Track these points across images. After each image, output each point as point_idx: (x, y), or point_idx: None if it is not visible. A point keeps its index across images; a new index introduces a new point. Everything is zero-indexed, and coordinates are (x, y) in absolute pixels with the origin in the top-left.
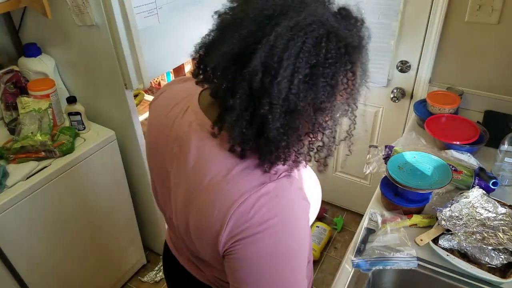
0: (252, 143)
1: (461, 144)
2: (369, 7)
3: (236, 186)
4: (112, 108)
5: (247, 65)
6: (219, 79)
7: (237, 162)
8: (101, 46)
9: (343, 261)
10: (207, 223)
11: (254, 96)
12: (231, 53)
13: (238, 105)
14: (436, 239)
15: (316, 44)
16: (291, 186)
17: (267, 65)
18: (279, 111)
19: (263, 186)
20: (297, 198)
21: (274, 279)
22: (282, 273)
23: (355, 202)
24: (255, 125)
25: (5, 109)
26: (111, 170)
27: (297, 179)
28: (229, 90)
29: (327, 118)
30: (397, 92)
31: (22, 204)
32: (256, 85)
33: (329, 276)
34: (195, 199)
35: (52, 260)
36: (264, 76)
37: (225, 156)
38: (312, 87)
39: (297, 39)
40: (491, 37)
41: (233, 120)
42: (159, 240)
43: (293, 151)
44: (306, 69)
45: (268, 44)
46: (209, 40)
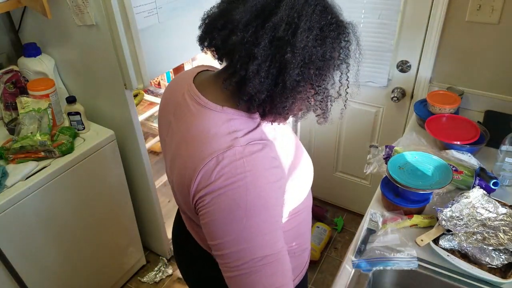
0: (263, 95)
1: (462, 144)
2: (369, 7)
3: (209, 146)
4: (112, 108)
5: (269, 19)
6: (240, 33)
7: (217, 124)
8: (101, 46)
9: (344, 261)
10: (183, 177)
11: (276, 45)
12: (254, 8)
13: (261, 55)
14: (437, 240)
15: (324, 10)
16: (260, 152)
17: (290, 18)
18: (299, 59)
19: (230, 148)
20: (266, 163)
21: (239, 235)
22: (246, 230)
23: (355, 202)
24: (273, 74)
25: (5, 109)
26: (111, 170)
27: (271, 148)
28: (249, 42)
29: (328, 74)
30: (397, 92)
31: (21, 204)
32: (280, 34)
33: (330, 277)
34: (180, 152)
35: (52, 260)
36: (286, 27)
37: (210, 116)
38: (321, 45)
39: (314, 2)
40: (491, 37)
41: (254, 70)
42: (159, 240)
43: (299, 102)
44: (317, 28)
45: (290, 1)
46: (218, 9)
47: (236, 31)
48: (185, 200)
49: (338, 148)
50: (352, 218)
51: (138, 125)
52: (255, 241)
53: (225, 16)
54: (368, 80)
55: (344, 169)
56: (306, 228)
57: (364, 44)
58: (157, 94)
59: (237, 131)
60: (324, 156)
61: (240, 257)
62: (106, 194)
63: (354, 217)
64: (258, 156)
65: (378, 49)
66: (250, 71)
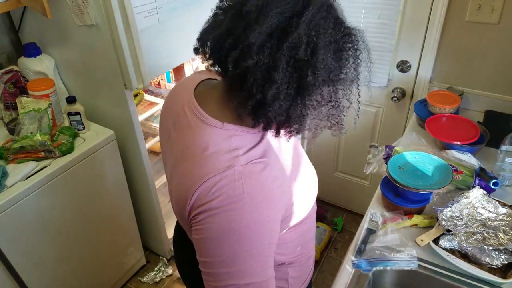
0: (283, 118)
1: (462, 144)
2: (369, 7)
3: (207, 165)
4: (112, 108)
5: (286, 39)
6: (255, 55)
7: (217, 141)
8: (101, 46)
9: (344, 261)
10: (180, 192)
11: (295, 67)
12: (267, 27)
13: (280, 78)
14: (437, 240)
15: (336, 22)
16: (261, 173)
17: (309, 37)
18: (320, 80)
19: (229, 168)
20: (266, 185)
21: (228, 257)
22: (237, 254)
23: (355, 202)
24: (291, 95)
25: (5, 109)
26: (110, 170)
27: (273, 167)
28: (265, 65)
29: (345, 88)
30: (397, 92)
31: (21, 204)
32: (300, 55)
33: (330, 277)
34: (178, 168)
35: (52, 260)
36: (305, 47)
37: (209, 132)
38: (338, 60)
39: (326, 16)
40: (491, 37)
41: (274, 94)
42: (159, 240)
43: (317, 119)
44: (333, 43)
45: (307, 19)
46: (220, 27)
47: (250, 53)
48: (181, 213)
49: (338, 148)
50: (352, 218)
51: (138, 125)
52: (243, 267)
53: (232, 34)
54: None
55: (344, 169)
56: (311, 235)
57: None
58: (157, 94)
59: (238, 148)
60: (324, 156)
61: (225, 279)
62: (106, 194)
63: (354, 217)
64: (258, 177)
65: (378, 49)
66: (270, 96)
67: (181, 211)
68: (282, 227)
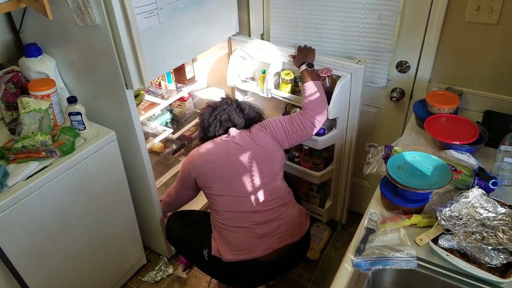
0: None
1: (461, 144)
2: (369, 8)
3: None
4: (113, 108)
5: None
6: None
7: None
8: (101, 46)
9: (343, 261)
10: None
11: None
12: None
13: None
14: (436, 239)
15: None
16: (196, 150)
17: None
18: None
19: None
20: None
21: None
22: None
23: (355, 202)
24: None
25: (6, 109)
26: (111, 170)
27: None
28: None
29: None
30: (396, 92)
31: (22, 204)
32: None
33: (329, 276)
34: None
35: (52, 260)
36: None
37: None
38: None
39: None
40: (490, 37)
41: None
42: (160, 239)
43: None
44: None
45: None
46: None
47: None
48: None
49: None
50: (351, 218)
51: (138, 125)
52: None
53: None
54: (367, 81)
55: None
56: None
57: (364, 45)
58: (157, 94)
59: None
60: None
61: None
62: (107, 194)
63: (354, 216)
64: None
65: (377, 50)
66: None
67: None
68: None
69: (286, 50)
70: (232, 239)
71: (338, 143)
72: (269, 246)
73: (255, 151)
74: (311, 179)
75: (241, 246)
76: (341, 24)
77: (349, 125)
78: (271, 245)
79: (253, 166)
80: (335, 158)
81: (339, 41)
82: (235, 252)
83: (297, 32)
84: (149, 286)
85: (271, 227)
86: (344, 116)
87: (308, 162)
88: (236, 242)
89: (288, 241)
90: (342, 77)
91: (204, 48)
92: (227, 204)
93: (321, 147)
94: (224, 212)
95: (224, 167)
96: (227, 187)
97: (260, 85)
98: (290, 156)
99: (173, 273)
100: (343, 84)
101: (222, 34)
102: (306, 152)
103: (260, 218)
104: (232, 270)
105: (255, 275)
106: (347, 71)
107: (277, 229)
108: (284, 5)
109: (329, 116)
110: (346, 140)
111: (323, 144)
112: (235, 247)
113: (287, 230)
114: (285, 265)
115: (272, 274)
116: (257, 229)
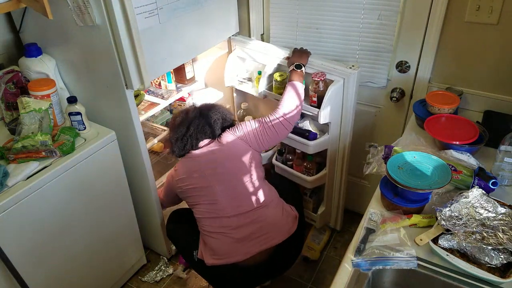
0: None
1: (461, 144)
2: (369, 8)
3: None
4: (113, 108)
5: None
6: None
7: None
8: (101, 46)
9: (343, 261)
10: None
11: None
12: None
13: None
14: (436, 239)
15: None
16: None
17: None
18: None
19: None
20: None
21: None
22: None
23: (355, 202)
24: None
25: (6, 109)
26: (111, 170)
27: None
28: None
29: None
30: (396, 92)
31: (22, 204)
32: None
33: (329, 276)
34: None
35: (53, 260)
36: None
37: None
38: None
39: None
40: (490, 37)
41: None
42: (160, 239)
43: None
44: None
45: None
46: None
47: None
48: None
49: None
50: (351, 218)
51: (138, 125)
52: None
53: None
54: (367, 81)
55: None
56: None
57: (364, 45)
58: (157, 94)
59: None
60: None
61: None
62: (107, 194)
63: (354, 216)
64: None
65: (377, 50)
66: None
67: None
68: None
69: (283, 52)
70: (212, 244)
71: (331, 148)
72: (248, 250)
73: (225, 155)
74: (303, 184)
75: (220, 251)
76: (341, 24)
77: (342, 130)
78: (250, 250)
79: (224, 170)
80: (328, 163)
81: (339, 41)
82: (215, 257)
83: (297, 32)
84: (149, 286)
85: (248, 230)
86: (337, 121)
87: (300, 166)
88: (215, 247)
89: (269, 243)
90: (334, 82)
91: (204, 48)
92: (204, 212)
93: (313, 152)
94: (203, 219)
95: (199, 180)
96: (203, 196)
97: (256, 86)
98: (284, 159)
99: (173, 273)
100: (335, 89)
101: (222, 34)
102: (299, 155)
103: (236, 222)
104: (214, 273)
105: (235, 279)
106: (340, 76)
107: (255, 232)
108: (284, 5)
109: (320, 120)
110: (340, 145)
111: (315, 149)
112: (214, 252)
113: (267, 233)
114: (272, 268)
115: (256, 278)
116: (234, 233)
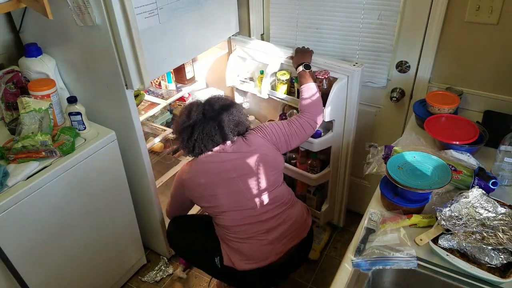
0: None
1: (461, 144)
2: (369, 8)
3: None
4: (113, 108)
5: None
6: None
7: None
8: (101, 46)
9: (343, 260)
10: None
11: None
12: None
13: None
14: (436, 239)
15: None
16: (186, 167)
17: None
18: None
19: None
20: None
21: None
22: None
23: (355, 202)
24: None
25: (6, 109)
26: (111, 170)
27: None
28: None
29: None
30: (396, 92)
31: (22, 204)
32: None
33: (329, 276)
34: None
35: (53, 260)
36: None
37: None
38: None
39: None
40: (490, 37)
41: None
42: (160, 239)
43: None
44: None
45: None
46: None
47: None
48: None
49: None
50: (351, 218)
51: (138, 125)
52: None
53: None
54: (367, 81)
55: None
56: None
57: (364, 45)
58: (157, 94)
59: None
60: None
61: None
62: (107, 194)
63: (354, 216)
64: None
65: (377, 50)
66: None
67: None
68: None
69: (284, 51)
70: (245, 250)
71: (334, 146)
72: (280, 250)
73: (254, 159)
74: (307, 181)
75: (255, 256)
76: (341, 24)
77: (346, 128)
78: (282, 248)
79: (255, 175)
80: (332, 160)
81: (339, 41)
82: (250, 262)
83: (297, 32)
84: (149, 286)
85: (280, 230)
86: (341, 118)
87: (304, 164)
88: (249, 253)
89: (297, 239)
90: (338, 80)
91: (204, 48)
92: (234, 219)
93: (317, 149)
94: (232, 227)
95: (222, 184)
96: (231, 203)
97: (258, 86)
98: (287, 158)
99: (173, 273)
100: (339, 87)
101: (222, 34)
102: (302, 153)
103: (269, 225)
104: (242, 277)
105: (263, 280)
106: (344, 73)
107: (286, 231)
108: (284, 5)
109: (325, 118)
110: (343, 143)
111: (319, 146)
112: (248, 257)
113: (296, 229)
114: (294, 263)
115: (282, 275)
116: (268, 236)
